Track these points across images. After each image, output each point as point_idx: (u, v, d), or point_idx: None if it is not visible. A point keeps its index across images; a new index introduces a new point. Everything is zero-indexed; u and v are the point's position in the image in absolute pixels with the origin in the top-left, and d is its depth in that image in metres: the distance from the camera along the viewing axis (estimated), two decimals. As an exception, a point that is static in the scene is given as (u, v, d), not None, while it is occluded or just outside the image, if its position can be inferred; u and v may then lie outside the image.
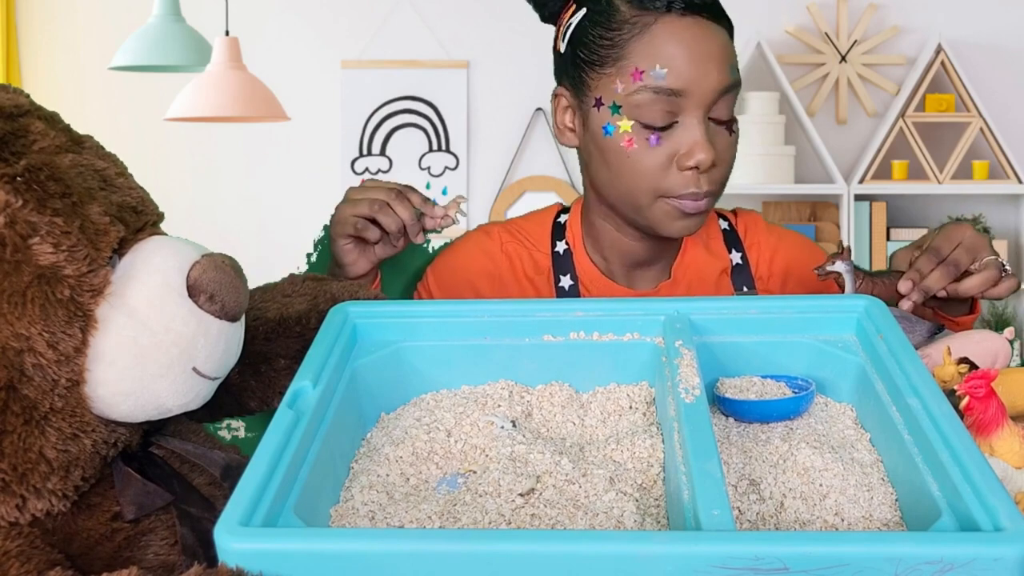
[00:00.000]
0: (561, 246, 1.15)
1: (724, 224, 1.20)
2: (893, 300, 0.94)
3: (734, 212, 1.23)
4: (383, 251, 1.06)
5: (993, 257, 0.97)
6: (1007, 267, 0.97)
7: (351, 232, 1.03)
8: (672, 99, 1.01)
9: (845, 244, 0.96)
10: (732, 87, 1.03)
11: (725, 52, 1.03)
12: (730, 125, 1.05)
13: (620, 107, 1.02)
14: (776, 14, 3.36)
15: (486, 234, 1.19)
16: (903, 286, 0.95)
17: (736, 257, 1.17)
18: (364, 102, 3.52)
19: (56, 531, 0.67)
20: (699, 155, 1.01)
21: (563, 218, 1.18)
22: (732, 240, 1.19)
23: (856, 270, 0.97)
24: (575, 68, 1.07)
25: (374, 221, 1.02)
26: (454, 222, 1.05)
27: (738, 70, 1.05)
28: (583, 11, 1.06)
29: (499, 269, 1.16)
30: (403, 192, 1.03)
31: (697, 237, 1.15)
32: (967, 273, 0.97)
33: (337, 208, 1.05)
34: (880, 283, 0.98)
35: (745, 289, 1.14)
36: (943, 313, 1.04)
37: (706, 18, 1.01)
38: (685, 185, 1.02)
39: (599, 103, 1.04)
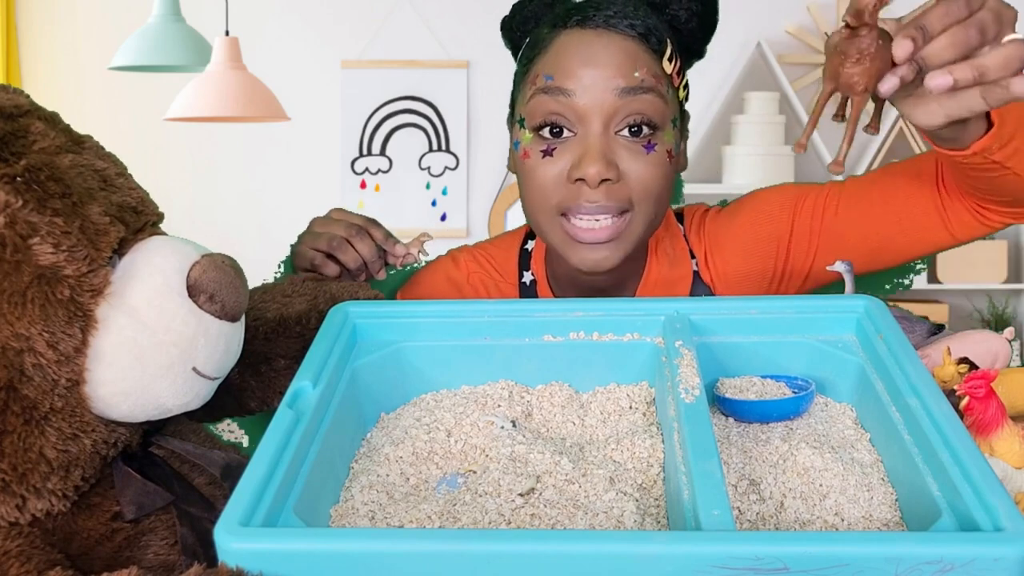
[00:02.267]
0: (528, 276, 1.12)
1: (684, 229, 1.12)
2: (883, 70, 0.72)
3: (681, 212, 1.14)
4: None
5: (1022, 39, 0.72)
6: None
7: (308, 268, 1.02)
8: (561, 99, 0.95)
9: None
10: (634, 91, 0.95)
11: (624, 56, 0.95)
12: (650, 143, 0.96)
13: (524, 119, 1.00)
14: (776, 14, 3.36)
15: (454, 263, 1.16)
16: (900, 47, 0.69)
17: (693, 264, 1.10)
18: (364, 102, 3.52)
19: (56, 531, 0.67)
20: (586, 167, 0.94)
21: (530, 244, 1.14)
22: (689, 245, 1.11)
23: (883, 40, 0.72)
24: (512, 89, 1.06)
25: (334, 257, 1.01)
26: (416, 261, 1.04)
27: (657, 81, 0.96)
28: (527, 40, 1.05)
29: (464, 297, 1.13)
30: (365, 228, 1.01)
31: (663, 253, 1.09)
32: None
33: (299, 238, 1.04)
34: (886, 44, 0.72)
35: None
36: (942, 146, 0.82)
37: (608, 29, 0.97)
38: (574, 198, 0.95)
39: (515, 120, 1.03)
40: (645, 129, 0.96)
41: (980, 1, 0.70)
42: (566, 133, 0.97)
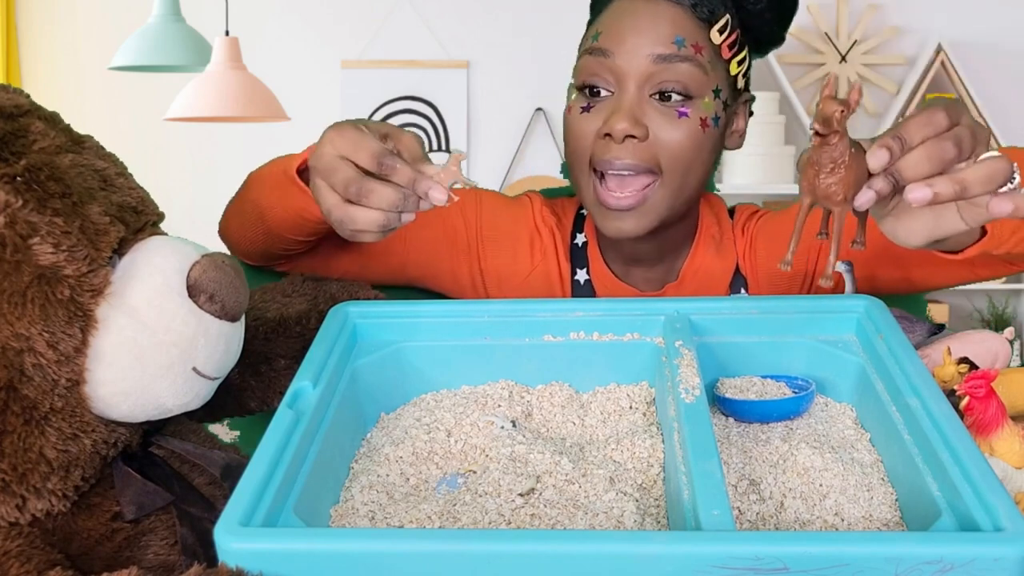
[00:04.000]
0: (580, 238, 1.13)
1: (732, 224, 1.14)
2: (860, 180, 0.69)
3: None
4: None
5: (1000, 156, 0.68)
6: (1016, 175, 0.69)
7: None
8: (601, 60, 0.99)
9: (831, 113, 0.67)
10: (670, 59, 0.96)
11: (666, 23, 0.97)
12: (682, 108, 0.97)
13: (573, 80, 1.03)
14: (776, 14, 3.36)
15: (530, 201, 1.16)
16: (875, 157, 0.66)
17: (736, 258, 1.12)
18: (364, 102, 3.52)
19: (56, 531, 0.67)
20: (614, 123, 0.96)
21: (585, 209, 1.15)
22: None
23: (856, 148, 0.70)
24: None
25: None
26: (457, 180, 0.76)
27: (698, 50, 0.97)
28: None
29: (536, 238, 1.13)
30: (385, 161, 0.74)
31: (710, 237, 1.10)
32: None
33: (314, 155, 0.78)
34: (861, 156, 0.69)
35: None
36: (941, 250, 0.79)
37: None
38: (603, 152, 0.97)
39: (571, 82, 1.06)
40: (675, 96, 0.97)
41: (957, 116, 0.68)
42: (604, 93, 0.99)
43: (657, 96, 0.97)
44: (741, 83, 1.06)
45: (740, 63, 1.05)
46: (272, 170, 0.99)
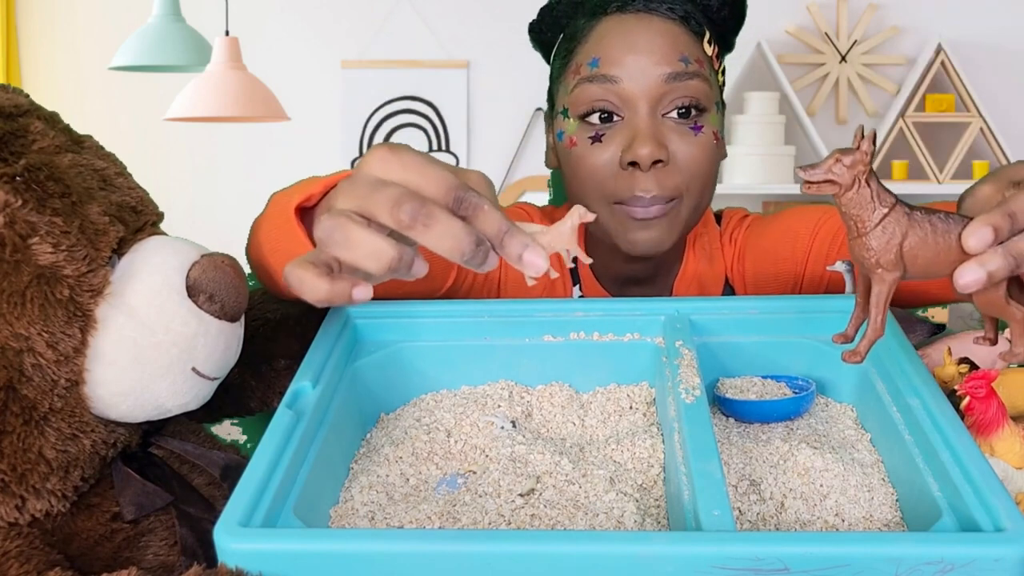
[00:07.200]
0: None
1: (720, 230, 1.13)
2: (949, 263, 0.58)
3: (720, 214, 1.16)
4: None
5: None
6: None
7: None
8: (607, 87, 0.96)
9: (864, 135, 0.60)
10: (680, 76, 0.95)
11: (668, 41, 0.95)
12: (696, 124, 0.96)
13: (567, 109, 0.99)
14: (776, 14, 3.37)
15: (528, 215, 1.13)
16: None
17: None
18: (364, 102, 3.52)
19: (55, 531, 0.67)
20: (638, 149, 0.93)
21: None
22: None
23: (910, 210, 0.60)
24: (550, 85, 1.06)
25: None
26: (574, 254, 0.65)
27: (700, 64, 0.97)
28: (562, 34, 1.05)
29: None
30: (467, 199, 0.55)
31: (700, 248, 1.09)
32: None
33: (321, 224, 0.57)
34: (938, 224, 0.59)
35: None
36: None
37: (650, 13, 0.97)
38: (629, 187, 0.95)
39: (556, 112, 1.03)
40: (693, 111, 0.97)
41: None
42: (615, 118, 0.97)
43: (673, 113, 0.96)
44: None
45: (723, 73, 1.04)
46: (282, 199, 0.77)
